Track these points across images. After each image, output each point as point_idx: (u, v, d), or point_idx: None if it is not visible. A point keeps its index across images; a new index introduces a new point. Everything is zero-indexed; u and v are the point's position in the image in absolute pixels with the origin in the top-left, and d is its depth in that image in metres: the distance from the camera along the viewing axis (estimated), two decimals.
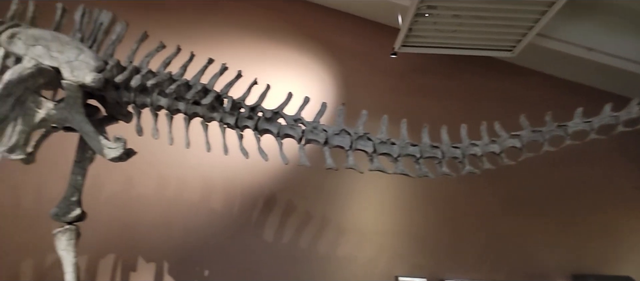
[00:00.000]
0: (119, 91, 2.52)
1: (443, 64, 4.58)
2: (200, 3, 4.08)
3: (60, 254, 2.60)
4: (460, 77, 4.63)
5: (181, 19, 3.93)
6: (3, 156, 2.37)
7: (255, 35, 4.09)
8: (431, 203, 4.07)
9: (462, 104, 4.46)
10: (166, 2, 4.07)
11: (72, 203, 2.66)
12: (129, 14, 3.05)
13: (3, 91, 2.12)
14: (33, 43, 2.36)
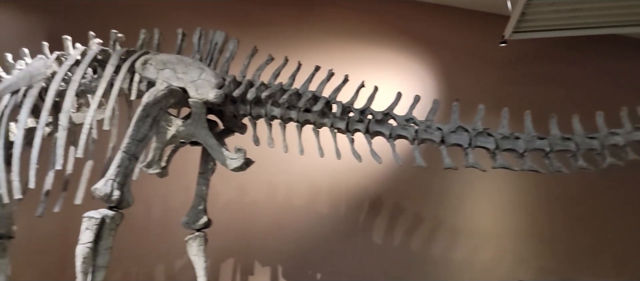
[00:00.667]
0: (236, 105, 2.68)
1: (560, 48, 4.15)
2: (296, 13, 4.20)
3: (192, 259, 2.82)
4: (583, 60, 4.16)
5: (280, 31, 4.08)
6: (142, 170, 2.65)
7: (352, 39, 4.09)
8: (554, 201, 3.70)
9: (586, 91, 3.99)
10: (263, 16, 4.25)
11: (200, 212, 2.88)
12: (231, 31, 3.21)
13: (142, 112, 2.36)
14: (162, 67, 2.60)
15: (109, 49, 2.87)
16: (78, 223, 2.89)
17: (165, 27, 3.01)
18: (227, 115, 2.81)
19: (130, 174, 2.35)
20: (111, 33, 2.95)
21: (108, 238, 2.21)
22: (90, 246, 2.14)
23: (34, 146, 2.53)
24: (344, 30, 4.13)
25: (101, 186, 2.23)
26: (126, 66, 2.68)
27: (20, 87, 2.67)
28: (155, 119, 2.43)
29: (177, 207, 4.05)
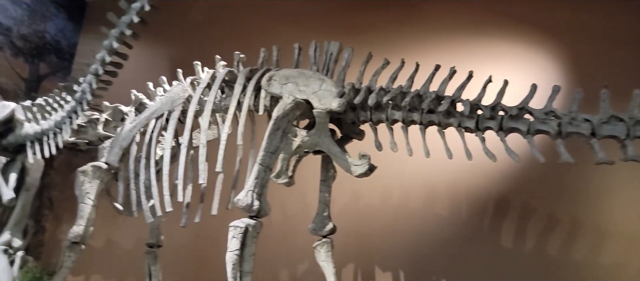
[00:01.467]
0: (356, 112, 2.71)
1: None
2: (400, 14, 4.14)
3: (321, 265, 2.90)
4: None
5: (386, 34, 4.05)
6: (272, 181, 2.80)
7: (462, 33, 3.91)
8: None
9: None
10: (367, 21, 4.26)
11: (325, 218, 2.95)
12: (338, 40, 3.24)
13: (273, 126, 2.50)
14: (285, 82, 2.73)
15: (234, 70, 3.09)
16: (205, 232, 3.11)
17: (270, 44, 3.16)
18: (346, 122, 2.86)
19: (266, 185, 2.49)
20: (235, 54, 3.17)
21: (251, 245, 2.36)
22: (237, 254, 2.30)
23: (180, 164, 2.80)
24: (452, 24, 3.97)
25: (243, 197, 2.39)
26: (252, 83, 2.86)
27: (163, 111, 2.99)
28: (284, 131, 2.55)
29: (294, 214, 4.21)
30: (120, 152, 2.82)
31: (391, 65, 2.74)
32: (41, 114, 2.05)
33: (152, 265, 3.31)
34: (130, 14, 2.12)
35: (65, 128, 2.09)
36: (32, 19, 5.39)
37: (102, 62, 2.48)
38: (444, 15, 4.02)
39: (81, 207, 2.85)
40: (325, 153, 2.80)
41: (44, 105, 2.07)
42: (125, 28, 2.18)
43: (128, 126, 3.04)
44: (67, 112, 2.05)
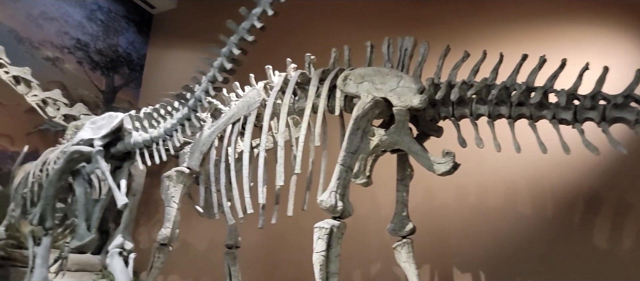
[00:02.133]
0: (436, 108, 2.62)
1: None
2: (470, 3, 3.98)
3: (402, 266, 2.84)
4: None
5: (456, 25, 3.91)
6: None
7: (541, 19, 3.69)
8: None
9: None
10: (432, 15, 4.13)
11: (404, 218, 2.88)
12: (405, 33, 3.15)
13: (353, 125, 2.47)
14: (360, 81, 2.69)
15: (306, 72, 3.10)
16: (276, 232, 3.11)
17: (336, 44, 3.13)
18: (424, 119, 2.77)
19: (348, 185, 2.47)
20: (305, 56, 3.18)
21: (336, 246, 2.35)
22: (324, 255, 2.29)
23: (259, 167, 2.84)
24: (528, 11, 3.76)
25: (326, 198, 2.38)
26: (326, 84, 2.85)
27: (240, 116, 3.06)
28: (364, 131, 2.52)
29: (365, 214, 4.17)
30: (201, 157, 2.91)
31: (469, 58, 2.62)
32: (149, 122, 2.15)
33: (231, 265, 3.39)
34: (251, 19, 2.15)
35: (176, 135, 2.18)
36: (106, 34, 5.75)
37: (220, 69, 2.51)
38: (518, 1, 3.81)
39: (167, 210, 2.97)
40: (402, 151, 2.74)
41: (151, 114, 2.17)
42: (245, 34, 2.21)
43: (206, 131, 3.13)
44: (178, 119, 2.13)
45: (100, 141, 2.01)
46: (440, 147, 2.53)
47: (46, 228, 2.05)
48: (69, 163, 2.01)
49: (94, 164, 1.98)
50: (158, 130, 2.18)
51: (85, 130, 2.15)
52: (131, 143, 2.17)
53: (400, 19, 4.23)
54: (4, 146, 4.61)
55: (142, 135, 2.16)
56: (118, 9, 5.93)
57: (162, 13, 6.40)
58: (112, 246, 1.91)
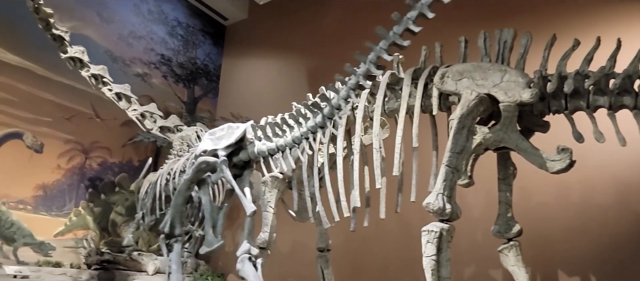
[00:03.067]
0: (546, 101, 2.46)
1: None
2: None
3: (510, 270, 2.69)
4: None
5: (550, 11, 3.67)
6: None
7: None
8: None
9: None
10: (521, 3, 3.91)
11: (510, 219, 2.74)
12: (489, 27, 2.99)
13: (458, 124, 2.38)
14: (459, 78, 2.59)
15: (395, 72, 3.05)
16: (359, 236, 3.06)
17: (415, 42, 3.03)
18: (529, 114, 2.61)
19: (454, 187, 2.38)
20: (394, 57, 3.13)
21: (447, 250, 2.27)
22: (435, 259, 2.23)
23: (354, 170, 2.83)
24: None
25: (433, 200, 2.31)
26: (421, 83, 2.78)
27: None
28: (469, 129, 2.42)
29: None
30: (293, 161, 2.94)
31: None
32: (273, 131, 2.22)
33: (324, 268, 3.41)
34: (404, 24, 2.03)
35: (307, 143, 2.21)
36: (186, 48, 6.06)
37: (365, 76, 2.31)
38: None
39: (264, 215, 3.04)
40: (504, 149, 2.61)
41: (277, 123, 2.23)
42: (397, 39, 2.10)
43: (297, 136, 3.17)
44: (311, 127, 2.16)
45: (223, 151, 2.10)
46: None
47: (176, 235, 2.18)
48: (197, 173, 2.11)
49: (219, 173, 2.07)
50: (285, 138, 2.21)
51: (206, 142, 2.25)
52: (254, 152, 2.22)
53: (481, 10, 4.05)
54: (104, 157, 4.99)
55: (266, 144, 2.20)
56: (195, 23, 6.23)
57: (234, 24, 6.64)
58: (240, 252, 1.98)
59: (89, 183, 4.81)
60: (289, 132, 2.15)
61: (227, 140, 2.11)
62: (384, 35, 2.16)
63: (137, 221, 3.05)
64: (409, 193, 2.96)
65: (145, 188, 2.96)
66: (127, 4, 5.40)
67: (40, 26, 3.53)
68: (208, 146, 2.19)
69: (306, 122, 2.18)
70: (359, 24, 5.32)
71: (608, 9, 3.49)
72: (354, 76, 2.17)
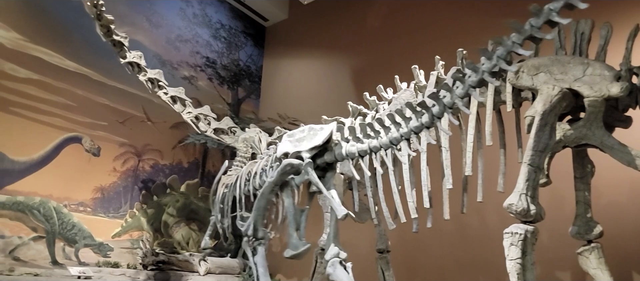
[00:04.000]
0: (632, 95, 2.33)
1: None
2: None
3: (592, 273, 2.57)
4: None
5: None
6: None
7: None
8: None
9: None
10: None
11: (589, 220, 2.62)
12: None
13: (541, 121, 2.27)
14: (535, 72, 2.48)
15: (461, 68, 2.96)
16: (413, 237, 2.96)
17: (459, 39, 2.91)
18: (611, 109, 2.48)
19: (537, 187, 2.29)
20: (457, 52, 3.04)
21: (531, 253, 2.18)
22: (520, 262, 2.14)
23: (422, 170, 2.76)
24: None
25: (515, 201, 2.22)
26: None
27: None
28: (552, 126, 2.31)
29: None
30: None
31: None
32: (364, 132, 2.18)
33: (385, 270, 3.36)
34: (545, 15, 1.80)
35: (405, 145, 2.14)
36: (229, 50, 6.11)
37: (490, 72, 2.01)
38: None
39: (327, 216, 3.01)
40: (586, 146, 2.49)
41: (370, 124, 2.19)
42: (536, 32, 1.82)
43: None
44: (414, 127, 2.09)
45: (308, 153, 2.07)
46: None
47: (259, 237, 2.18)
48: (282, 175, 2.10)
49: (303, 175, 2.05)
50: (379, 140, 2.15)
51: (285, 143, 2.23)
52: (342, 154, 2.18)
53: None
54: (156, 160, 5.09)
55: (355, 145, 2.16)
56: (237, 25, 6.27)
57: (273, 25, 6.65)
58: (329, 256, 1.96)
59: (142, 185, 4.91)
60: (384, 133, 2.09)
61: (310, 142, 2.08)
62: (518, 29, 1.98)
63: (213, 224, 3.08)
64: (475, 193, 2.89)
65: (221, 190, 2.99)
66: (174, 8, 5.48)
67: (101, 32, 3.61)
68: (288, 148, 2.17)
69: (407, 122, 2.10)
70: (404, 21, 5.22)
71: None
72: (475, 73, 2.02)
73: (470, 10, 4.72)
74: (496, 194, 2.95)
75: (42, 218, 4.14)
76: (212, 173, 5.66)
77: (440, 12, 4.95)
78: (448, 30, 4.80)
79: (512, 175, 2.97)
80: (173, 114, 5.15)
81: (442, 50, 4.73)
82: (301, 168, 2.06)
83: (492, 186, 2.85)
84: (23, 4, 4.14)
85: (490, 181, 2.84)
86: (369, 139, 2.07)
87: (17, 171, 4.05)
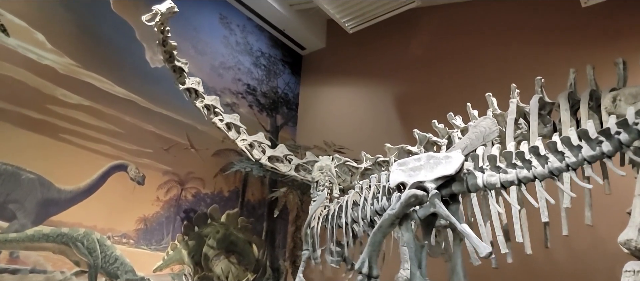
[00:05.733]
0: None
1: None
2: None
3: None
4: None
5: None
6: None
7: None
8: None
9: None
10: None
11: None
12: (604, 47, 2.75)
13: None
14: (633, 101, 2.37)
15: (544, 97, 2.86)
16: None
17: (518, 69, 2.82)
18: None
19: None
20: (536, 80, 2.95)
21: None
22: None
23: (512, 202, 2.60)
24: None
25: (635, 236, 2.05)
26: (584, 107, 2.58)
27: (475, 147, 2.86)
28: None
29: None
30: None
31: None
32: (507, 161, 2.04)
33: None
34: None
35: (570, 175, 1.99)
36: (268, 78, 6.07)
37: None
38: None
39: (403, 251, 2.83)
40: None
41: (516, 153, 2.05)
42: None
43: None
44: (589, 157, 1.92)
45: (433, 183, 1.93)
46: None
47: (374, 275, 2.01)
48: (405, 207, 1.96)
49: (428, 208, 1.90)
50: (534, 170, 2.00)
51: (397, 173, 2.09)
52: (477, 184, 2.03)
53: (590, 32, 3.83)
54: (198, 188, 4.95)
55: (495, 175, 2.00)
56: (276, 54, 6.25)
57: (310, 53, 6.64)
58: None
59: (184, 215, 4.76)
60: (539, 162, 1.93)
61: (432, 171, 1.94)
62: None
63: (306, 258, 2.89)
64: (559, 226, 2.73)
65: (316, 222, 2.83)
66: (218, 36, 5.47)
67: (163, 58, 3.55)
68: (401, 177, 2.03)
69: (574, 151, 1.93)
70: (445, 50, 5.17)
71: None
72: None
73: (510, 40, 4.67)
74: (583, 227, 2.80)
75: (85, 251, 3.97)
76: (252, 202, 5.50)
77: (482, 41, 4.90)
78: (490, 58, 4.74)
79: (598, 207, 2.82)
80: (215, 141, 5.08)
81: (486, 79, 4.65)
82: (425, 199, 1.92)
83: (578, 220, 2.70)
84: (76, 29, 4.11)
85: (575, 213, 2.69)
86: (518, 169, 1.92)
87: (64, 201, 3.91)
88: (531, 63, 4.38)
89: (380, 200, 2.45)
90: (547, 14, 4.32)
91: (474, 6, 4.86)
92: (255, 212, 5.52)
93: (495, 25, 4.71)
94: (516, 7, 4.55)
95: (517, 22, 4.58)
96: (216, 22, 5.49)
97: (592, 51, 4.00)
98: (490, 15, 4.77)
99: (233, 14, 5.70)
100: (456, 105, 4.00)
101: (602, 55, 3.56)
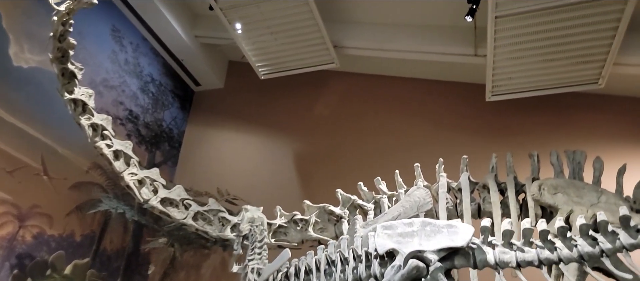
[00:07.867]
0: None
1: None
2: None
3: None
4: None
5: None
6: None
7: None
8: None
9: None
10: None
11: None
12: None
13: None
14: (554, 192, 2.65)
15: (470, 177, 3.00)
16: None
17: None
18: None
19: None
20: (462, 159, 3.10)
21: None
22: None
23: None
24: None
25: None
26: (512, 192, 2.79)
27: (408, 216, 2.81)
28: None
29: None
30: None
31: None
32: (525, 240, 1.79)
33: None
34: None
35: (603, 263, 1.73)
36: (155, 108, 5.31)
37: None
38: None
39: None
40: None
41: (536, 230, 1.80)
42: None
43: (361, 230, 2.83)
44: (629, 245, 1.72)
45: (435, 255, 1.65)
46: None
47: None
48: (405, 280, 1.64)
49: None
50: (558, 252, 1.75)
51: (382, 237, 1.76)
52: (486, 260, 1.74)
53: (492, 124, 4.38)
54: (42, 228, 3.79)
55: (510, 253, 1.74)
56: (167, 83, 5.54)
57: (204, 91, 6.10)
58: None
59: (16, 262, 3.54)
60: (565, 246, 1.75)
61: (433, 240, 1.70)
62: None
63: None
64: None
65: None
66: (105, 49, 4.60)
67: (53, 56, 2.72)
68: (387, 243, 1.74)
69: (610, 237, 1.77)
70: (351, 115, 5.30)
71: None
72: None
73: (415, 117, 5.04)
74: None
75: None
76: (108, 252, 4.46)
77: (388, 112, 5.17)
78: (395, 130, 4.99)
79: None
80: (78, 171, 4.06)
81: (390, 149, 4.84)
82: (423, 273, 1.67)
83: None
84: None
85: None
86: (540, 249, 1.76)
87: None
88: (431, 142, 4.72)
89: (357, 268, 2.02)
90: (454, 100, 4.80)
91: (384, 79, 5.16)
92: (110, 265, 4.48)
93: (403, 101, 5.03)
94: (425, 87, 4.95)
95: (425, 102, 4.94)
96: (107, 34, 4.66)
97: (491, 140, 4.46)
98: (398, 91, 5.09)
99: (128, 29, 4.93)
100: (359, 170, 4.00)
101: (501, 145, 3.97)
